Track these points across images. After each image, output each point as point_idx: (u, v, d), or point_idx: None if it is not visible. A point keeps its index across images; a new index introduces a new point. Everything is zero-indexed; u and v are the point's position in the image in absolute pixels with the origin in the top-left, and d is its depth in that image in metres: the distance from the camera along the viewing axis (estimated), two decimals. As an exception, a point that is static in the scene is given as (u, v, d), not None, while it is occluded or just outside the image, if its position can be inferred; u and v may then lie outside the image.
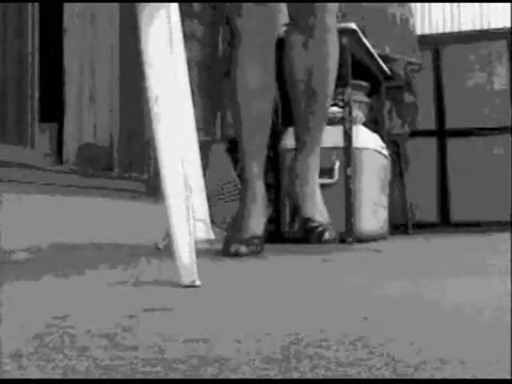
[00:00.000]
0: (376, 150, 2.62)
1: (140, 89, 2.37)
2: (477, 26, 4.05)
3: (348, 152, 2.40)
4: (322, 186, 2.38)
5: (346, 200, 2.37)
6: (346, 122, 2.42)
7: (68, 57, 2.30)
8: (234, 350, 0.46)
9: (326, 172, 2.39)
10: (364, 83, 2.83)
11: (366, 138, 2.54)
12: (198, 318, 0.62)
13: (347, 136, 2.41)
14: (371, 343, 0.48)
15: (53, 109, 2.32)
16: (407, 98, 3.48)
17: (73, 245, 1.76)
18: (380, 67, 3.08)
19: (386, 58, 3.25)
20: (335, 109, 2.51)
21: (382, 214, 2.74)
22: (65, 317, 0.62)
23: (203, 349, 0.47)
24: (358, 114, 2.64)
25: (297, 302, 0.72)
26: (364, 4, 3.29)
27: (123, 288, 0.86)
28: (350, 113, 2.42)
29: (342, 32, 2.42)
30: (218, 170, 2.45)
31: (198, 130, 1.98)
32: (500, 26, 3.95)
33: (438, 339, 0.49)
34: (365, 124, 2.71)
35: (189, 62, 0.88)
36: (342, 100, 2.45)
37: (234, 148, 2.71)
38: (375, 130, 2.81)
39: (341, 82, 2.45)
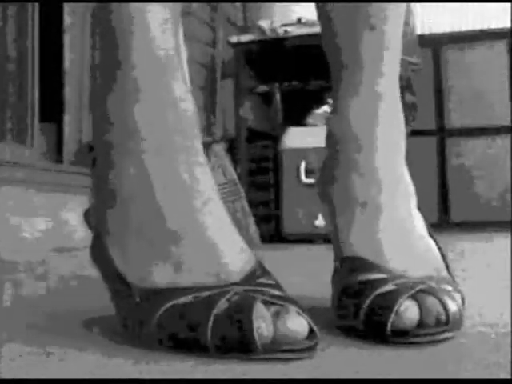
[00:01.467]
0: (376, 150, 2.62)
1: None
2: (477, 25, 4.05)
3: (348, 152, 2.39)
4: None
5: (345, 200, 2.36)
6: (345, 122, 2.42)
7: (68, 57, 2.30)
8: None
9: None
10: (364, 83, 2.83)
11: (365, 138, 2.53)
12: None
13: (347, 136, 2.40)
14: (370, 342, 0.48)
15: (53, 109, 2.32)
16: (407, 97, 3.48)
17: (72, 244, 1.76)
18: (380, 67, 3.08)
19: (386, 58, 3.24)
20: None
21: (382, 214, 2.74)
22: (63, 316, 0.62)
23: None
24: (358, 113, 2.64)
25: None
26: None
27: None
28: (350, 113, 2.42)
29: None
30: (218, 170, 2.45)
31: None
32: (500, 26, 3.95)
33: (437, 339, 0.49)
34: (365, 124, 2.70)
35: (189, 62, 0.88)
36: (342, 100, 2.45)
37: (234, 148, 2.71)
38: (375, 130, 2.81)
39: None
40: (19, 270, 1.22)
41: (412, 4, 3.77)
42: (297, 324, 0.42)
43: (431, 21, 4.14)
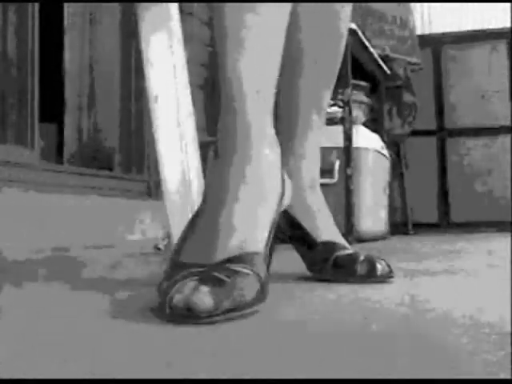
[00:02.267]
0: (376, 150, 2.62)
1: (140, 89, 2.37)
2: (477, 25, 4.05)
3: (348, 152, 2.40)
4: (322, 185, 2.39)
5: (346, 200, 2.37)
6: (345, 122, 2.42)
7: (68, 57, 2.30)
8: (233, 351, 0.46)
9: (325, 172, 2.39)
10: (364, 83, 2.84)
11: (365, 138, 2.54)
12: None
13: (347, 136, 2.41)
14: (371, 342, 0.48)
15: (53, 109, 2.32)
16: (407, 97, 3.48)
17: (72, 244, 1.76)
18: (380, 67, 3.08)
19: (385, 58, 3.25)
20: (335, 109, 2.51)
21: (382, 214, 2.74)
22: (63, 316, 0.62)
23: (201, 349, 0.47)
24: (358, 113, 2.64)
25: (296, 301, 0.72)
26: (364, 4, 3.29)
27: (122, 288, 0.86)
28: (350, 113, 2.43)
29: (342, 32, 2.42)
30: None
31: (198, 130, 1.98)
32: (500, 26, 3.95)
33: (438, 339, 0.49)
34: (365, 124, 2.71)
35: (189, 62, 0.88)
36: (342, 100, 2.45)
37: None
38: (375, 130, 2.81)
39: (341, 82, 2.45)
40: (21, 269, 1.22)
41: (412, 4, 3.77)
42: (200, 299, 0.55)
43: (431, 21, 4.14)
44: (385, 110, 3.31)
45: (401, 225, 3.64)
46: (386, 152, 2.82)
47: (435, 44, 3.95)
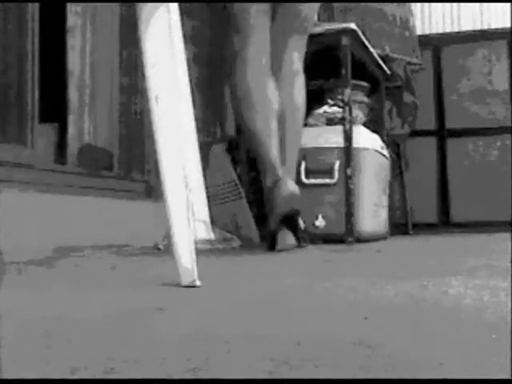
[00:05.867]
0: (376, 150, 2.62)
1: (140, 89, 2.37)
2: (477, 26, 4.05)
3: (348, 152, 2.40)
4: (322, 185, 2.39)
5: (346, 200, 2.37)
6: (346, 122, 2.42)
7: (71, 57, 2.30)
8: (232, 351, 0.46)
9: (325, 172, 2.39)
10: (364, 83, 2.83)
11: (366, 138, 2.54)
12: (197, 319, 0.62)
13: (347, 136, 2.41)
14: (372, 342, 0.48)
15: (54, 109, 2.32)
16: (407, 97, 3.48)
17: (73, 244, 1.76)
18: (380, 67, 3.08)
19: (385, 58, 3.25)
20: (335, 109, 2.51)
21: (382, 214, 2.74)
22: (63, 316, 0.62)
23: (201, 349, 0.47)
24: (358, 114, 2.64)
25: (297, 302, 0.72)
26: (364, 4, 3.29)
27: (122, 288, 0.86)
28: (350, 113, 2.42)
29: (342, 32, 2.42)
30: (218, 170, 2.45)
31: (198, 130, 1.98)
32: (500, 26, 3.95)
33: (438, 339, 0.49)
34: (365, 124, 2.71)
35: (189, 62, 0.88)
36: (342, 100, 2.45)
37: (233, 148, 2.71)
38: (375, 130, 2.81)
39: (341, 82, 2.45)
40: (22, 270, 1.22)
41: (412, 4, 3.77)
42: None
43: (431, 21, 4.14)
44: (385, 110, 3.30)
45: (401, 225, 3.64)
46: (386, 152, 2.82)
47: (435, 44, 3.94)
